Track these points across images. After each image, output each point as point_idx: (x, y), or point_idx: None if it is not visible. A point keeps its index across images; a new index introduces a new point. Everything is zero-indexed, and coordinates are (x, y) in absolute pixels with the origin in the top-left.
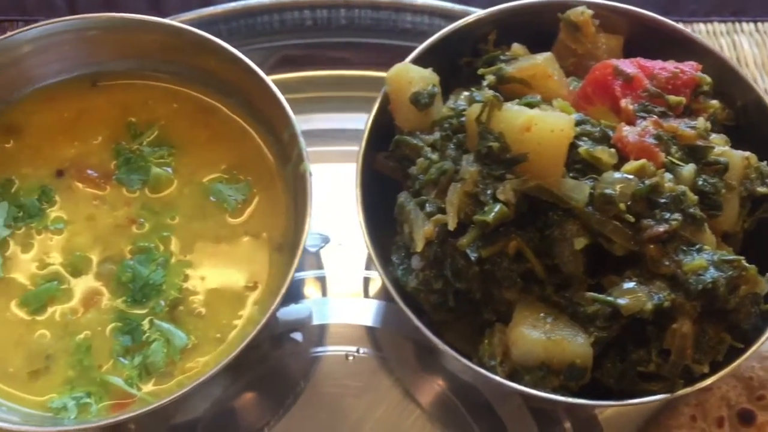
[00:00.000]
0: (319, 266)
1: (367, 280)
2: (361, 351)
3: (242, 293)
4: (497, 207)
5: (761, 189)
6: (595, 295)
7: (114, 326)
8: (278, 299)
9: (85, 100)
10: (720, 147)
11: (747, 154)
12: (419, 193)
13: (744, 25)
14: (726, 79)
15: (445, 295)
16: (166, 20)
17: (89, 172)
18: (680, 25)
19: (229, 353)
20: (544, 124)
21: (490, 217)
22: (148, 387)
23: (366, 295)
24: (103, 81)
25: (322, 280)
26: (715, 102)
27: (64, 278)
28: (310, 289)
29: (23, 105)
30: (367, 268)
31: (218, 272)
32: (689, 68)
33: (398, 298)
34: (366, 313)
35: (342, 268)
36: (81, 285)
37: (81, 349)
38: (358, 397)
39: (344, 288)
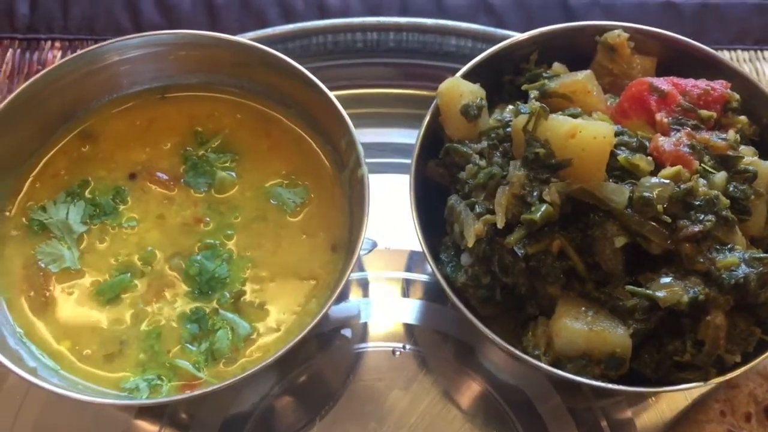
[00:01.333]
0: (364, 269)
1: (408, 282)
2: (407, 347)
3: (300, 288)
4: (543, 207)
5: None
6: (635, 288)
7: (182, 315)
8: (335, 294)
9: (155, 110)
10: (749, 157)
11: None
12: (468, 196)
13: (766, 53)
14: (752, 98)
15: (492, 290)
16: (236, 37)
17: (159, 174)
18: (711, 49)
19: (287, 342)
20: (587, 132)
21: (538, 216)
22: (214, 371)
23: (406, 295)
24: (172, 93)
25: (367, 282)
26: (743, 118)
27: (136, 271)
28: (357, 290)
29: (99, 113)
30: (408, 270)
31: (278, 268)
32: (719, 86)
33: (449, 290)
34: (409, 312)
35: (385, 271)
36: (152, 277)
37: (152, 335)
38: (402, 390)
39: (387, 289)
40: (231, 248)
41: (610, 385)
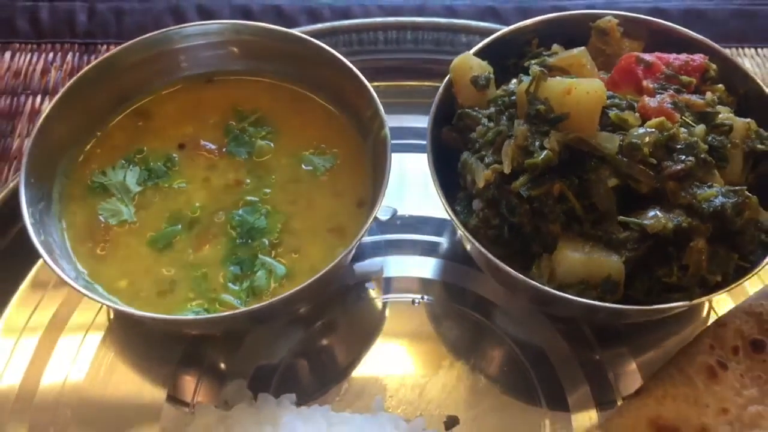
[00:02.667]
0: (388, 232)
1: (425, 243)
2: (425, 298)
3: (329, 238)
4: (544, 153)
5: (761, 146)
6: (626, 218)
7: (225, 259)
8: (358, 237)
9: (202, 92)
10: (725, 113)
11: (748, 120)
12: (479, 152)
13: (746, 50)
14: (730, 72)
15: (500, 230)
16: (280, 28)
17: (205, 144)
18: (692, 32)
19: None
20: (581, 87)
21: (540, 159)
22: (254, 305)
23: (424, 255)
24: (216, 78)
25: (392, 243)
26: (720, 86)
27: (185, 223)
28: (379, 250)
29: (153, 96)
30: (425, 234)
31: (310, 221)
32: (698, 57)
33: (463, 229)
34: (427, 268)
35: (404, 234)
36: (199, 228)
37: (199, 276)
38: (422, 335)
39: (406, 250)
40: (268, 204)
41: (606, 304)
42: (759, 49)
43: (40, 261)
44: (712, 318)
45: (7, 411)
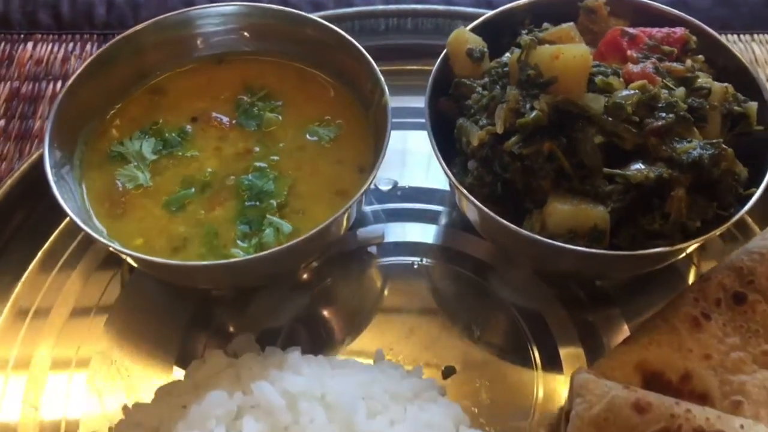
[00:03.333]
0: (389, 202)
1: (424, 211)
2: (425, 261)
3: (333, 200)
4: (534, 113)
5: (738, 108)
6: (611, 170)
7: (235, 219)
8: (358, 194)
9: (214, 72)
10: (704, 78)
11: (726, 84)
12: (474, 116)
13: (729, 36)
14: (709, 45)
15: (493, 187)
16: (293, 10)
17: (216, 116)
18: (675, 10)
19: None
20: (568, 52)
21: (530, 118)
22: None
23: (423, 221)
24: (227, 59)
25: (393, 212)
26: (700, 57)
27: (197, 187)
28: (380, 217)
29: (169, 75)
30: (423, 202)
31: (315, 185)
32: (679, 30)
33: (458, 185)
34: (427, 234)
35: (404, 203)
36: (210, 192)
37: (210, 234)
38: (422, 294)
39: (407, 217)
40: (276, 170)
41: (593, 250)
42: (741, 35)
43: (57, 230)
44: None
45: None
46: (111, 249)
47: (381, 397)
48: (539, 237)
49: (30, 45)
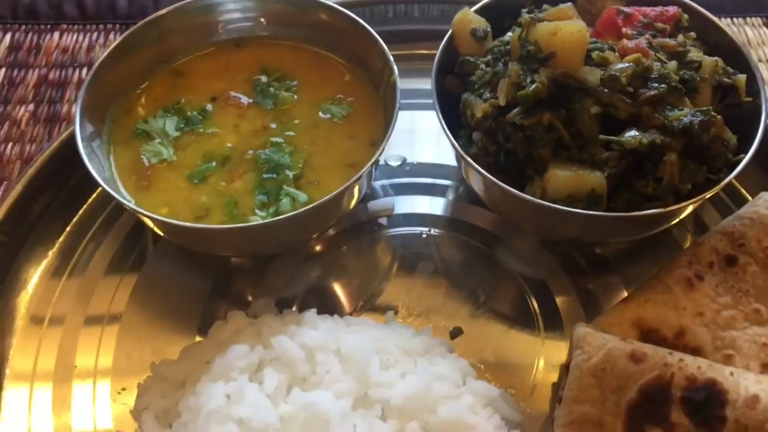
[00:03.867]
0: (399, 177)
1: (432, 186)
2: (433, 231)
3: (345, 171)
4: (534, 85)
5: (727, 80)
6: (607, 137)
7: (254, 189)
8: (369, 164)
9: (231, 55)
10: (695, 53)
11: (716, 58)
12: (477, 91)
13: (723, 19)
14: (701, 23)
15: (497, 156)
16: None
17: (235, 95)
18: None
19: None
20: (566, 28)
21: (530, 90)
22: None
23: (432, 195)
24: (245, 43)
25: (402, 186)
26: (692, 34)
27: (218, 161)
28: (390, 191)
29: (190, 59)
30: (431, 177)
31: (329, 158)
32: (672, 8)
33: (464, 154)
34: (435, 206)
35: (413, 178)
36: (230, 166)
37: (230, 203)
38: (429, 262)
39: (415, 191)
40: (291, 145)
41: (591, 212)
42: (734, 18)
43: (87, 203)
44: None
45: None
46: (139, 214)
47: (393, 352)
48: (541, 201)
49: (56, 35)
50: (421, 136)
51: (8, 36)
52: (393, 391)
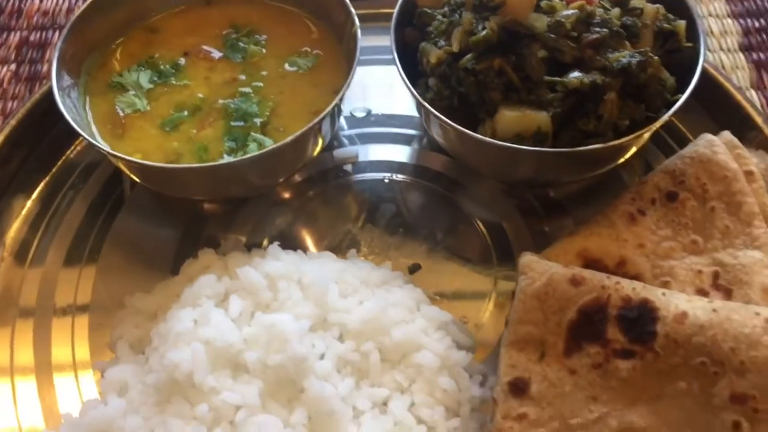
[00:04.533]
0: (363, 127)
1: (395, 134)
2: (395, 176)
3: (310, 117)
4: (485, 31)
5: (667, 26)
6: (551, 78)
7: (223, 136)
8: (330, 108)
9: (203, 12)
10: (639, 1)
11: (658, 6)
12: (434, 40)
13: None
14: None
15: (451, 100)
16: None
17: (206, 49)
18: None
19: None
20: None
21: (481, 36)
22: None
23: (394, 143)
24: (216, 2)
25: (367, 135)
26: None
27: (189, 110)
28: (355, 141)
29: (163, 16)
30: (395, 127)
31: (295, 106)
32: None
33: (421, 99)
34: (397, 153)
35: (377, 128)
36: (200, 114)
37: (201, 149)
38: (391, 204)
39: (379, 140)
40: (259, 95)
41: (538, 148)
42: None
43: (64, 155)
44: None
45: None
46: (115, 158)
47: (352, 283)
48: (491, 140)
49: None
50: (386, 90)
51: None
52: (350, 316)
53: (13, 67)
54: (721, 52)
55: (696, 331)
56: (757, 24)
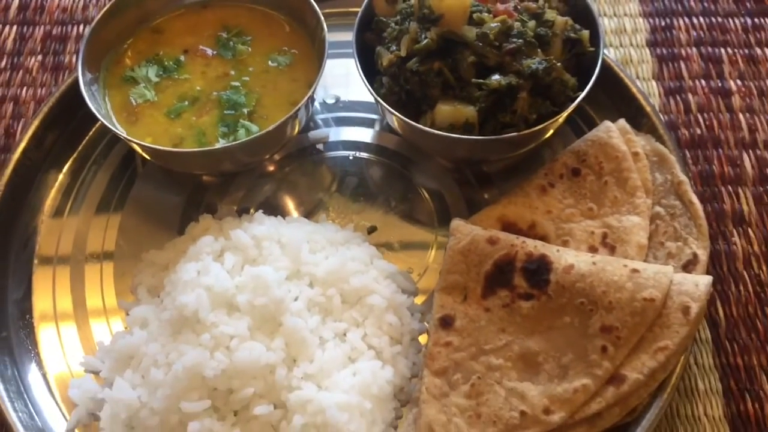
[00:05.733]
0: (334, 112)
1: (361, 119)
2: (359, 154)
3: (288, 107)
4: (426, 40)
5: (573, 35)
6: (478, 80)
7: (217, 122)
8: (304, 100)
9: (199, 15)
10: (551, 14)
11: (566, 18)
12: (387, 45)
13: None
14: None
15: (400, 96)
16: None
17: (202, 48)
18: None
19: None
20: None
21: (423, 44)
22: None
23: (359, 125)
24: (210, 5)
25: (337, 119)
26: None
27: (190, 101)
28: (328, 123)
29: (166, 18)
30: (360, 112)
31: (277, 98)
32: None
33: (376, 96)
34: (362, 135)
35: (345, 113)
36: (199, 104)
37: (200, 133)
38: (355, 177)
39: (347, 122)
40: (246, 88)
41: (466, 137)
42: None
43: (87, 136)
44: None
45: (70, 234)
46: (131, 142)
47: (320, 242)
48: (430, 129)
49: None
50: (352, 79)
51: None
52: (318, 268)
53: (39, 57)
54: (630, 47)
55: (578, 279)
56: (662, 23)
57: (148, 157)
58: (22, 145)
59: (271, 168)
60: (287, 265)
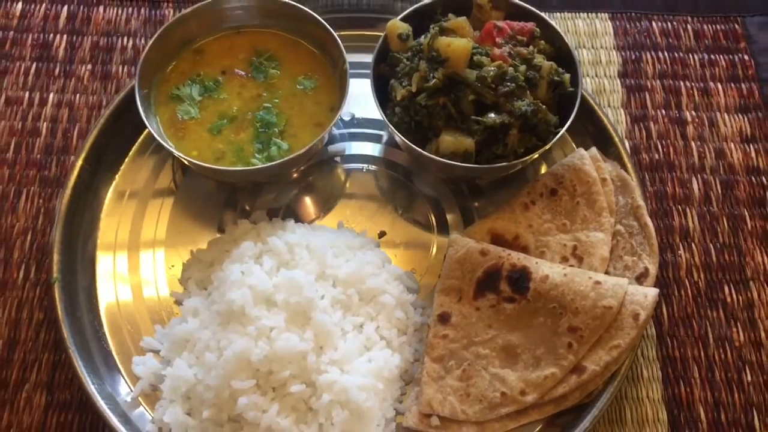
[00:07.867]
0: (350, 128)
1: (373, 135)
2: (371, 167)
3: (315, 129)
4: (434, 80)
5: (557, 78)
6: (477, 117)
7: (253, 139)
8: (330, 126)
9: (234, 39)
10: (539, 59)
11: (551, 63)
12: (400, 80)
13: (582, 13)
14: (551, 32)
15: (410, 125)
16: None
17: (237, 71)
18: (532, 7)
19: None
20: (456, 43)
21: (431, 84)
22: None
23: (373, 141)
24: (243, 29)
25: (351, 135)
26: (543, 42)
27: (228, 119)
28: (344, 139)
29: (206, 41)
30: (373, 129)
31: (303, 119)
32: (530, 24)
33: (390, 125)
34: (375, 150)
35: (360, 129)
36: (237, 123)
37: (238, 149)
38: (368, 187)
39: (362, 138)
40: (277, 109)
41: (465, 164)
42: (589, 13)
43: (136, 144)
44: None
45: (127, 224)
46: (180, 158)
47: (341, 247)
48: (434, 156)
49: (101, 8)
50: (367, 99)
51: (65, 8)
52: (340, 270)
53: (89, 66)
54: (604, 77)
55: (552, 287)
56: (633, 56)
57: (193, 168)
58: (83, 154)
59: (296, 176)
60: (315, 268)
